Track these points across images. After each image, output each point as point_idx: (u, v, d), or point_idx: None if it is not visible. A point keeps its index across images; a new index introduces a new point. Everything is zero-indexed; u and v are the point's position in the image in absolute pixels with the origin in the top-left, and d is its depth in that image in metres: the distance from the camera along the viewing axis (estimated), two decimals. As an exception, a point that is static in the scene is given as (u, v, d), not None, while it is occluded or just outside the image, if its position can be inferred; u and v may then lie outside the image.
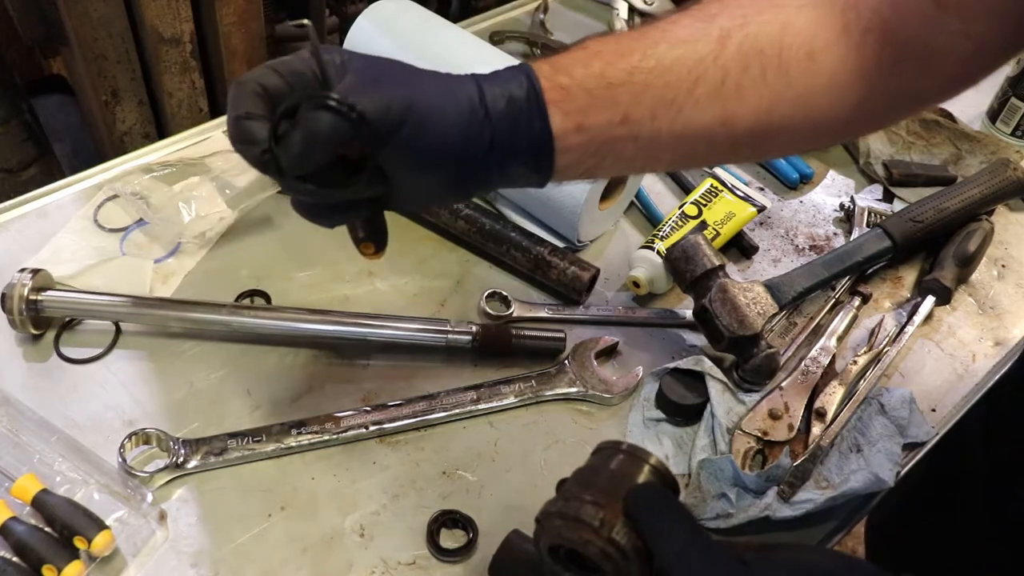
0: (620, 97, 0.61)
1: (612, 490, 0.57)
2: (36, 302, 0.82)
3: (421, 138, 0.59)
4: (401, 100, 0.58)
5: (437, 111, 0.59)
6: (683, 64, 0.61)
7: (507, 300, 0.92)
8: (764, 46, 0.61)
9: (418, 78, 0.61)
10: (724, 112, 0.62)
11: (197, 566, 0.71)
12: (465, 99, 0.60)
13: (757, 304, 0.85)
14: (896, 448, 0.80)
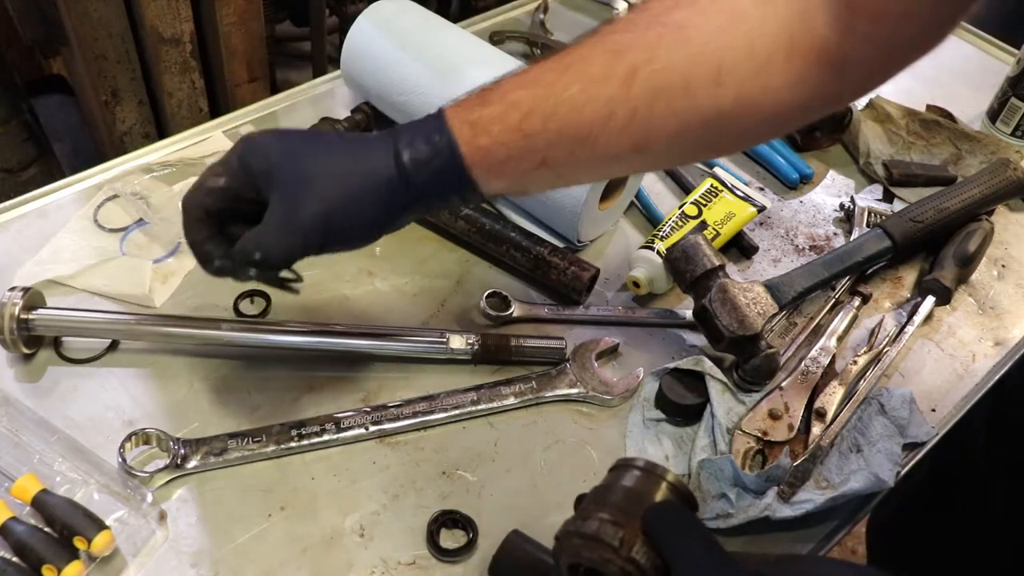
0: (537, 145, 0.65)
1: (630, 508, 0.58)
2: (27, 321, 0.81)
3: (345, 241, 0.69)
4: (319, 228, 0.66)
5: (356, 216, 0.67)
6: (594, 105, 0.63)
7: (507, 300, 0.92)
8: (670, 79, 0.63)
9: (334, 180, 0.66)
10: (636, 141, 0.65)
11: (197, 566, 0.71)
12: (384, 184, 0.66)
13: (757, 304, 0.85)
14: (896, 448, 0.80)
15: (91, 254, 0.93)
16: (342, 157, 0.67)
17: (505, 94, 0.65)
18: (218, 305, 0.90)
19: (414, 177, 0.66)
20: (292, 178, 0.66)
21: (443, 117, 0.66)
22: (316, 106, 1.13)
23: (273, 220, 0.66)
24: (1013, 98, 1.16)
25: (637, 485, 0.60)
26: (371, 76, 1.04)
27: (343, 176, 0.66)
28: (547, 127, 0.64)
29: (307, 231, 0.66)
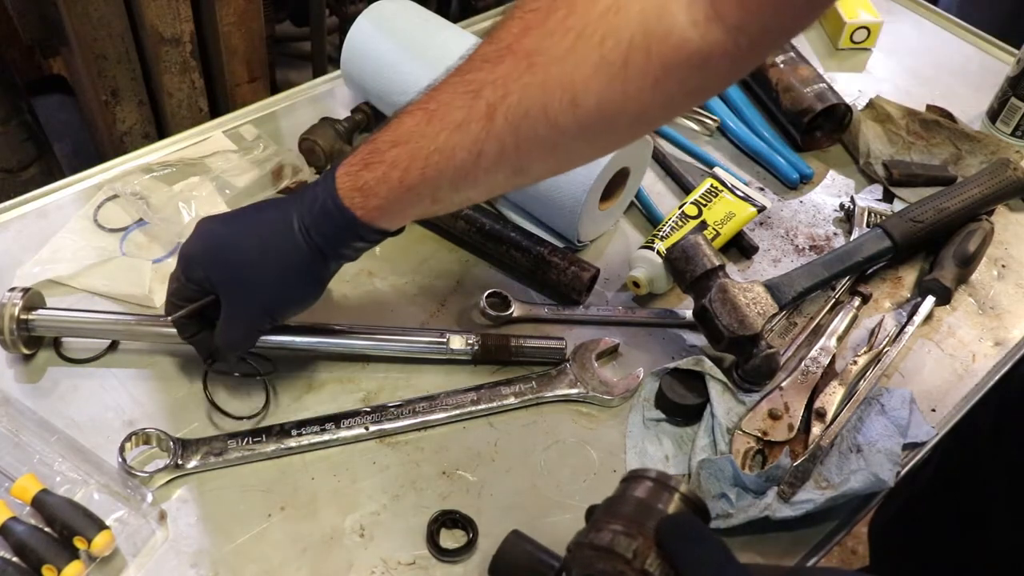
0: (423, 191, 0.70)
1: (643, 520, 0.58)
2: (27, 322, 0.81)
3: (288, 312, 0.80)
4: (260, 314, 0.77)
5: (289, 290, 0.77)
6: (463, 147, 0.67)
7: (507, 300, 0.92)
8: (528, 108, 0.64)
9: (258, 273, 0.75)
10: (512, 168, 0.69)
11: (197, 566, 0.71)
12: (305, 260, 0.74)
13: (757, 304, 0.85)
14: (896, 448, 0.80)
15: (91, 254, 0.93)
16: (258, 249, 0.75)
17: (383, 154, 0.70)
18: (218, 305, 0.90)
19: (327, 248, 0.74)
20: (224, 280, 0.75)
21: (334, 189, 0.72)
22: (316, 106, 1.13)
23: (223, 319, 0.77)
24: (1013, 98, 1.16)
25: (649, 496, 0.60)
26: (371, 76, 1.04)
27: (263, 268, 0.74)
28: (426, 176, 0.69)
29: (252, 320, 0.77)
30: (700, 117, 1.15)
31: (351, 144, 1.05)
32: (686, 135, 1.13)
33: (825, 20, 1.35)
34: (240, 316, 0.77)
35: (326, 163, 1.02)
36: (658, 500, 0.60)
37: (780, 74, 1.15)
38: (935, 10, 1.41)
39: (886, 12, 1.35)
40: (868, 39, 1.31)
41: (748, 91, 1.20)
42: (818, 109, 1.11)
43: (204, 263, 0.76)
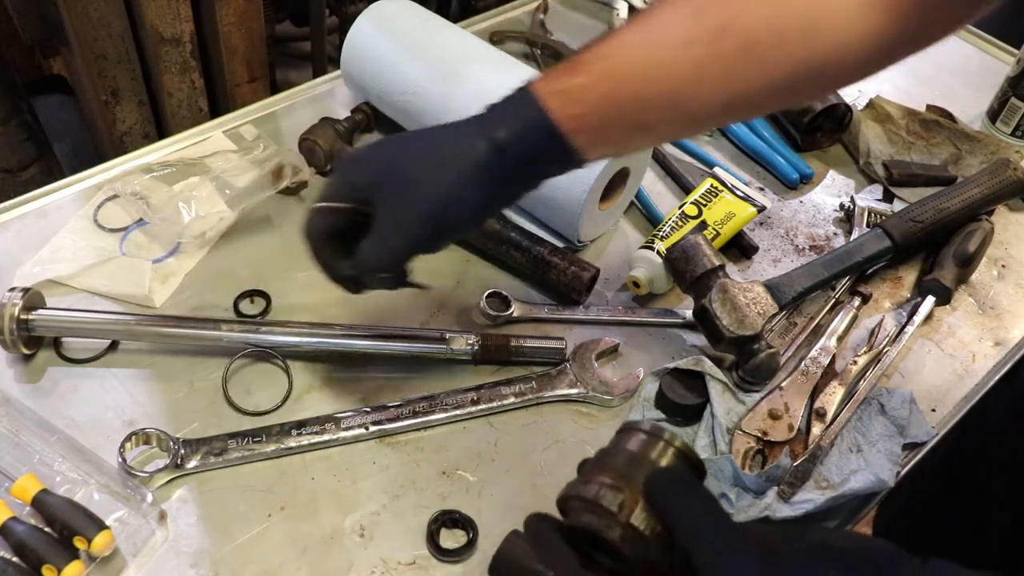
0: (630, 111, 0.65)
1: (632, 473, 0.56)
2: (27, 322, 0.81)
3: (453, 229, 0.71)
4: (425, 222, 0.68)
5: (459, 202, 0.68)
6: (683, 67, 0.64)
7: (507, 300, 0.92)
8: (761, 33, 0.62)
9: (430, 174, 0.67)
10: (727, 97, 0.66)
11: (197, 566, 0.71)
12: (481, 165, 0.66)
13: (757, 304, 0.85)
14: (896, 448, 0.80)
15: (91, 254, 0.93)
16: (434, 150, 0.68)
17: (591, 65, 0.65)
18: (218, 305, 0.90)
19: (510, 151, 0.66)
20: (391, 182, 0.68)
21: (529, 91, 0.66)
22: (316, 106, 1.13)
23: (382, 225, 0.68)
24: (1013, 98, 1.16)
25: (641, 449, 0.58)
26: (371, 76, 1.04)
27: (438, 168, 0.67)
28: (639, 94, 0.64)
29: (415, 229, 0.68)
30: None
31: (351, 144, 1.05)
32: (686, 135, 1.13)
33: (825, 20, 1.35)
34: (399, 221, 0.68)
35: (326, 163, 1.02)
36: (650, 453, 0.58)
37: (780, 74, 1.14)
38: (935, 10, 1.41)
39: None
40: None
41: (748, 91, 1.20)
42: (818, 109, 1.11)
43: (370, 161, 0.70)
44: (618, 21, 1.27)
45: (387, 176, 0.69)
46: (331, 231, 0.72)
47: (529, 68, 1.03)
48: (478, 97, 0.96)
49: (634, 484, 0.56)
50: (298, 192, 1.01)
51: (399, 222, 0.68)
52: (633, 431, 0.60)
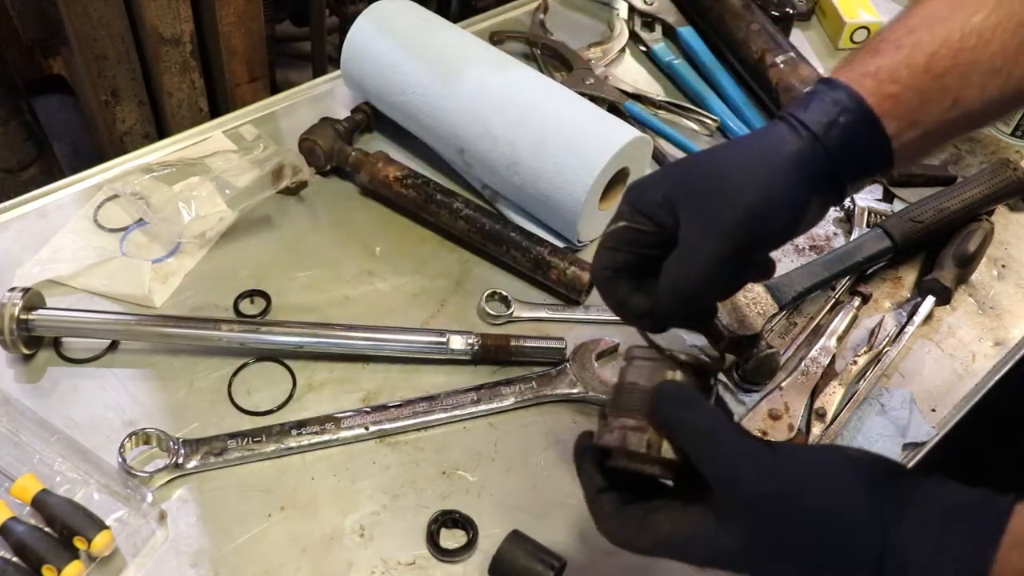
0: (949, 84, 0.60)
1: (647, 408, 0.59)
2: (27, 322, 0.81)
3: (770, 231, 0.61)
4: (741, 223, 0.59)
5: (775, 200, 0.60)
6: (1005, 29, 0.60)
7: (507, 300, 0.92)
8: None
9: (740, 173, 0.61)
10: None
11: (197, 566, 0.71)
12: (795, 158, 0.60)
13: (757, 304, 0.85)
14: (896, 448, 0.80)
15: (91, 254, 0.93)
16: (740, 149, 0.63)
17: (899, 40, 0.61)
18: (218, 305, 0.90)
19: (825, 140, 0.60)
20: (693, 188, 0.61)
21: (834, 79, 0.61)
22: (316, 106, 1.13)
23: (689, 234, 0.61)
24: (1013, 98, 1.16)
25: (650, 380, 0.60)
26: (371, 76, 1.04)
27: (748, 165, 0.61)
28: (957, 62, 0.60)
29: (728, 232, 0.59)
30: (700, 117, 1.15)
31: (351, 144, 1.05)
32: (686, 135, 1.13)
33: (825, 20, 1.35)
34: (708, 226, 0.60)
35: (326, 163, 1.02)
36: (659, 380, 0.60)
37: (780, 74, 1.14)
38: (935, 10, 1.41)
39: (886, 12, 1.34)
40: (868, 39, 1.30)
41: (748, 91, 1.20)
42: (818, 109, 1.11)
43: (663, 178, 0.64)
44: (618, 22, 1.27)
45: (687, 185, 0.62)
46: (623, 264, 0.65)
47: (529, 68, 1.03)
48: (478, 97, 0.97)
49: (654, 419, 0.59)
50: (298, 192, 1.01)
51: (708, 228, 0.60)
52: (635, 361, 0.62)
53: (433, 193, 0.97)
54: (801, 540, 0.54)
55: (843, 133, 0.60)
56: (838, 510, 0.54)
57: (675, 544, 0.58)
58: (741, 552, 0.55)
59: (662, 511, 0.58)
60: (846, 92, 0.60)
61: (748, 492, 0.54)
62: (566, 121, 0.94)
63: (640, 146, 0.96)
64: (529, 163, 0.94)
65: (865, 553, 0.52)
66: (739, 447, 0.56)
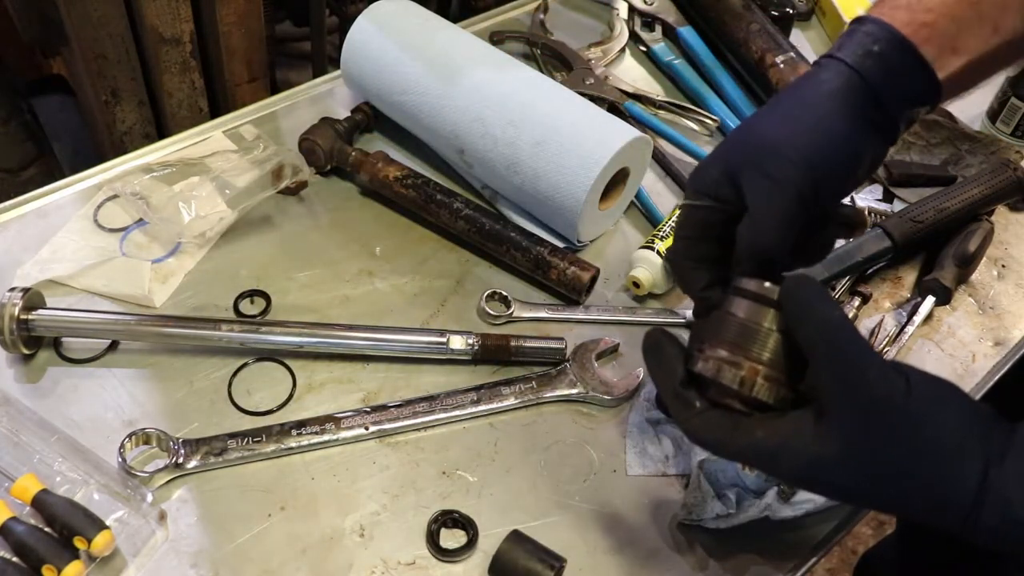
0: (985, 11, 0.60)
1: (747, 344, 0.58)
2: (27, 322, 0.81)
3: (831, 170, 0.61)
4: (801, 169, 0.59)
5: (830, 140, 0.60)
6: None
7: (507, 300, 0.92)
8: None
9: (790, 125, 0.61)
10: None
11: (197, 566, 0.71)
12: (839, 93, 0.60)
13: (757, 304, 0.85)
14: (896, 448, 0.80)
15: (91, 254, 0.93)
16: (784, 104, 0.63)
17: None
18: (218, 305, 0.90)
19: (861, 70, 0.60)
20: (748, 153, 0.61)
21: (864, 16, 0.62)
22: (316, 106, 1.13)
23: (754, 194, 0.60)
24: (1013, 98, 1.16)
25: (749, 315, 0.59)
26: (371, 76, 1.04)
27: (795, 115, 0.61)
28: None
29: (791, 183, 0.59)
30: (700, 117, 1.15)
31: (351, 144, 1.05)
32: (686, 135, 1.13)
33: (825, 20, 1.35)
34: (771, 192, 0.60)
35: (326, 163, 1.02)
36: (759, 319, 0.59)
37: (780, 74, 1.14)
38: (935, 10, 1.41)
39: (886, 12, 1.35)
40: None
41: (748, 91, 1.20)
42: (818, 109, 1.11)
43: (719, 155, 0.64)
44: (618, 22, 1.27)
45: (740, 152, 0.62)
46: (697, 249, 0.65)
47: (529, 68, 1.03)
48: (478, 97, 0.97)
49: (752, 355, 0.58)
50: (298, 192, 1.01)
51: (770, 186, 0.59)
52: (741, 294, 0.60)
53: (433, 193, 0.97)
54: (903, 458, 0.53)
55: (879, 62, 0.60)
56: (949, 437, 0.53)
57: (766, 450, 0.56)
58: (836, 459, 0.53)
59: (753, 417, 0.57)
60: (876, 24, 0.60)
61: (867, 394, 0.53)
62: (566, 121, 0.94)
63: (640, 146, 0.96)
64: (529, 163, 0.94)
65: (964, 488, 0.52)
66: (867, 350, 0.54)
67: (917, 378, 0.55)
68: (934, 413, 0.53)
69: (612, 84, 1.16)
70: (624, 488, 0.79)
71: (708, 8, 1.24)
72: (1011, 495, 0.51)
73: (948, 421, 0.53)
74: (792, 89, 0.65)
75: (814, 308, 0.56)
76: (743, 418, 0.58)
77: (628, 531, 0.76)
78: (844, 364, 0.54)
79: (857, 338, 0.55)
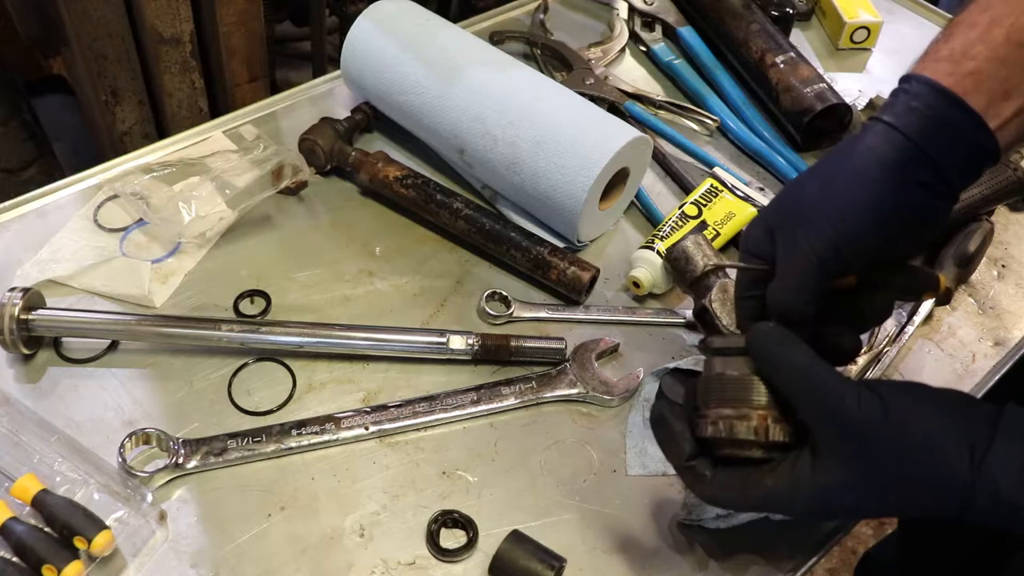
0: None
1: (745, 395, 0.62)
2: (27, 322, 0.81)
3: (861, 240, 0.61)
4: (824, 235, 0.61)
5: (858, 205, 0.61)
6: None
7: (507, 300, 0.92)
8: None
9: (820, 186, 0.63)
10: None
11: (197, 566, 0.71)
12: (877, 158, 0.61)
13: (757, 304, 0.85)
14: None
15: (91, 254, 0.93)
16: (825, 166, 0.64)
17: (972, 20, 0.60)
18: (218, 305, 0.90)
19: (903, 128, 0.59)
20: (787, 215, 0.63)
21: (908, 75, 0.62)
22: (316, 106, 1.13)
23: (784, 256, 0.63)
24: (1013, 98, 1.16)
25: (734, 369, 0.63)
26: (371, 76, 1.04)
27: (832, 177, 0.62)
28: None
29: (814, 253, 0.60)
30: (700, 117, 1.15)
31: (351, 144, 1.05)
32: (686, 135, 1.13)
33: (825, 20, 1.35)
34: (799, 254, 0.61)
35: (326, 163, 1.02)
36: (745, 369, 0.62)
37: (780, 74, 1.14)
38: (935, 10, 1.41)
39: (886, 12, 1.35)
40: (868, 39, 1.31)
41: (748, 91, 1.20)
42: (818, 109, 1.11)
43: (765, 213, 0.66)
44: (618, 22, 1.27)
45: (778, 213, 0.64)
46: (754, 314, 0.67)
47: (529, 68, 1.03)
48: (478, 97, 0.97)
49: (753, 404, 0.61)
50: (298, 192, 1.01)
51: (796, 253, 0.61)
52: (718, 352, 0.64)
53: (433, 193, 0.97)
54: (900, 467, 0.57)
55: (922, 117, 0.59)
56: (936, 439, 0.56)
57: (779, 496, 0.60)
58: (841, 486, 0.58)
59: (759, 469, 0.61)
60: (917, 80, 0.60)
61: (850, 422, 0.57)
62: (566, 121, 0.94)
63: (640, 146, 0.96)
64: (529, 163, 0.94)
65: (957, 478, 0.55)
66: (838, 381, 0.58)
67: (890, 391, 0.58)
68: (914, 421, 0.57)
69: (612, 84, 1.16)
70: (624, 488, 0.79)
71: (708, 8, 1.24)
72: (999, 478, 0.54)
73: (930, 423, 0.57)
74: (837, 151, 0.65)
75: (781, 356, 0.60)
76: (751, 472, 0.62)
77: (628, 531, 0.76)
78: (821, 402, 0.58)
79: (827, 374, 0.59)
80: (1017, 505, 0.54)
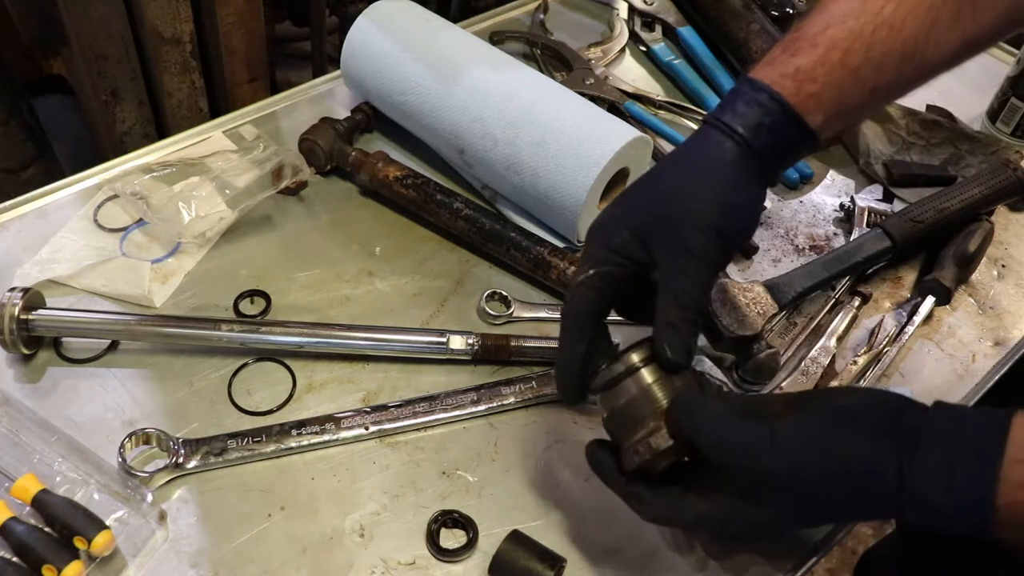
0: (865, 76, 0.65)
1: (643, 411, 0.65)
2: (27, 321, 0.81)
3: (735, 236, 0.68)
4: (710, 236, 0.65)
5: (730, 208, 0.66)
6: (915, 17, 0.64)
7: (507, 300, 0.92)
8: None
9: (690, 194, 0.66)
10: (964, 38, 0.67)
11: (197, 566, 0.71)
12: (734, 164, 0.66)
13: (757, 304, 0.85)
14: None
15: (91, 254, 0.93)
16: (686, 170, 0.67)
17: (815, 38, 0.65)
18: (218, 305, 0.90)
19: (756, 145, 0.65)
20: (658, 219, 0.66)
21: (757, 81, 0.66)
22: (316, 106, 1.13)
23: (668, 273, 0.65)
24: (1013, 98, 1.16)
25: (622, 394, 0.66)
26: (371, 76, 1.04)
27: (699, 184, 0.66)
28: (871, 55, 0.64)
29: (709, 253, 0.65)
30: (700, 117, 1.15)
31: (351, 144, 1.05)
32: (686, 135, 1.13)
33: (825, 20, 1.35)
34: (690, 254, 0.65)
35: (326, 163, 1.02)
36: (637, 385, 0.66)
37: (780, 74, 1.14)
38: (935, 10, 1.41)
39: (886, 12, 1.34)
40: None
41: (748, 91, 1.20)
42: (818, 109, 1.11)
43: (626, 216, 0.68)
44: (618, 22, 1.27)
45: (650, 217, 0.66)
46: (598, 306, 0.68)
47: (529, 68, 1.03)
48: (478, 97, 0.97)
49: (656, 413, 0.64)
50: (298, 192, 1.01)
51: (690, 257, 0.65)
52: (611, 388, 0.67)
53: (433, 193, 0.97)
54: (825, 500, 0.59)
55: (770, 134, 0.65)
56: (852, 465, 0.58)
57: (714, 520, 0.64)
58: (774, 521, 0.62)
59: (693, 491, 0.64)
60: (768, 94, 0.65)
61: (762, 473, 0.60)
62: (566, 121, 0.94)
63: (640, 146, 0.96)
64: (529, 163, 0.94)
65: (886, 497, 0.57)
66: (744, 436, 0.61)
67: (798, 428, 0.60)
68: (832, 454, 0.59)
69: (612, 84, 1.16)
70: (624, 488, 0.79)
71: (708, 8, 1.24)
72: (926, 491, 0.55)
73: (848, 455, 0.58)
74: (692, 154, 0.69)
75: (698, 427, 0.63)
76: (685, 494, 0.65)
77: (628, 531, 0.76)
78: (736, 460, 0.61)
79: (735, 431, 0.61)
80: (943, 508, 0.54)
